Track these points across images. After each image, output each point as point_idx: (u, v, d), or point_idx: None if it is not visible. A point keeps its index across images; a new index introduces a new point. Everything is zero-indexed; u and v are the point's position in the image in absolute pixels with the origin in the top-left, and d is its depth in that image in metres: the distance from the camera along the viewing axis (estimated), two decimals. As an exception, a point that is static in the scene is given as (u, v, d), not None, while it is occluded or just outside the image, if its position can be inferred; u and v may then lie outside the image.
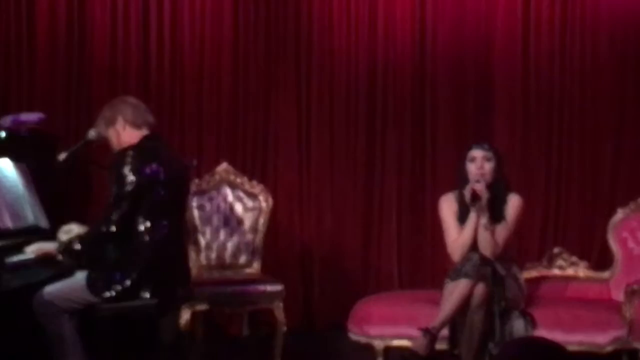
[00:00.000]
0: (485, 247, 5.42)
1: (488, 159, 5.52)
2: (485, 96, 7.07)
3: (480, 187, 5.43)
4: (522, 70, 7.00)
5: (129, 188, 4.72)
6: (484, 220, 5.44)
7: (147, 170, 4.77)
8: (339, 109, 7.14)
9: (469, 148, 5.59)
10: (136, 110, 5.00)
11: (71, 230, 4.94)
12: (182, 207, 5.23)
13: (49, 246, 4.91)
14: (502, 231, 5.49)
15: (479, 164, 5.51)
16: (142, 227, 4.77)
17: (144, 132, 4.97)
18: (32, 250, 4.91)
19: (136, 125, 4.96)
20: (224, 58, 7.04)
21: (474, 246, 5.46)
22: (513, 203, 5.57)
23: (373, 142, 7.14)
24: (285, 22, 7.08)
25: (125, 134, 4.95)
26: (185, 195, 5.33)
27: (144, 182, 4.75)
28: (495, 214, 5.49)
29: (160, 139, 5.11)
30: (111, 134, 5.00)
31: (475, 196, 5.43)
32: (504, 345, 5.08)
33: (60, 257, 4.88)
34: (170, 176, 4.87)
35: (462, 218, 5.54)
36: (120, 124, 4.96)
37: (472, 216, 5.46)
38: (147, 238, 4.77)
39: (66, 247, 4.83)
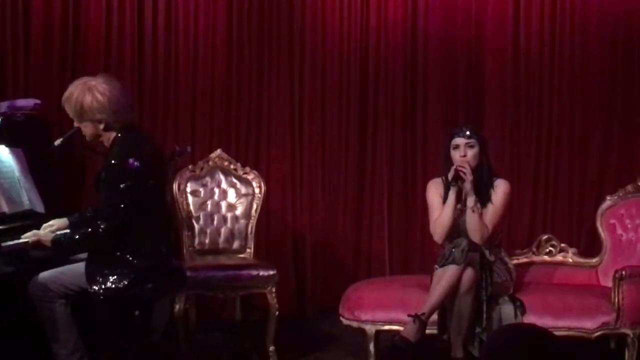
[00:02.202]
0: (474, 230, 5.46)
1: (471, 146, 5.56)
2: (476, 84, 7.10)
3: (463, 169, 5.48)
4: (512, 58, 7.03)
5: (124, 201, 4.61)
6: (470, 202, 5.47)
7: (134, 165, 4.63)
8: (331, 97, 7.17)
9: (452, 136, 5.63)
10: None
11: (52, 226, 4.90)
12: (165, 192, 5.18)
13: (44, 237, 4.82)
14: (489, 215, 5.53)
15: (462, 152, 5.55)
16: (140, 231, 4.69)
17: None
18: (28, 237, 4.82)
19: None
20: (218, 46, 7.05)
21: (462, 232, 5.51)
22: (500, 188, 5.60)
23: (365, 130, 7.17)
24: (279, 11, 7.09)
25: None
26: (166, 181, 5.29)
27: (138, 188, 4.64)
28: (482, 197, 5.53)
29: (137, 128, 4.94)
30: (87, 128, 4.77)
31: (457, 176, 5.49)
32: (493, 331, 5.08)
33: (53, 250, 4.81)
34: (154, 168, 4.81)
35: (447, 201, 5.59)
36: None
37: (451, 196, 5.51)
38: (145, 241, 4.70)
39: (61, 245, 4.76)
